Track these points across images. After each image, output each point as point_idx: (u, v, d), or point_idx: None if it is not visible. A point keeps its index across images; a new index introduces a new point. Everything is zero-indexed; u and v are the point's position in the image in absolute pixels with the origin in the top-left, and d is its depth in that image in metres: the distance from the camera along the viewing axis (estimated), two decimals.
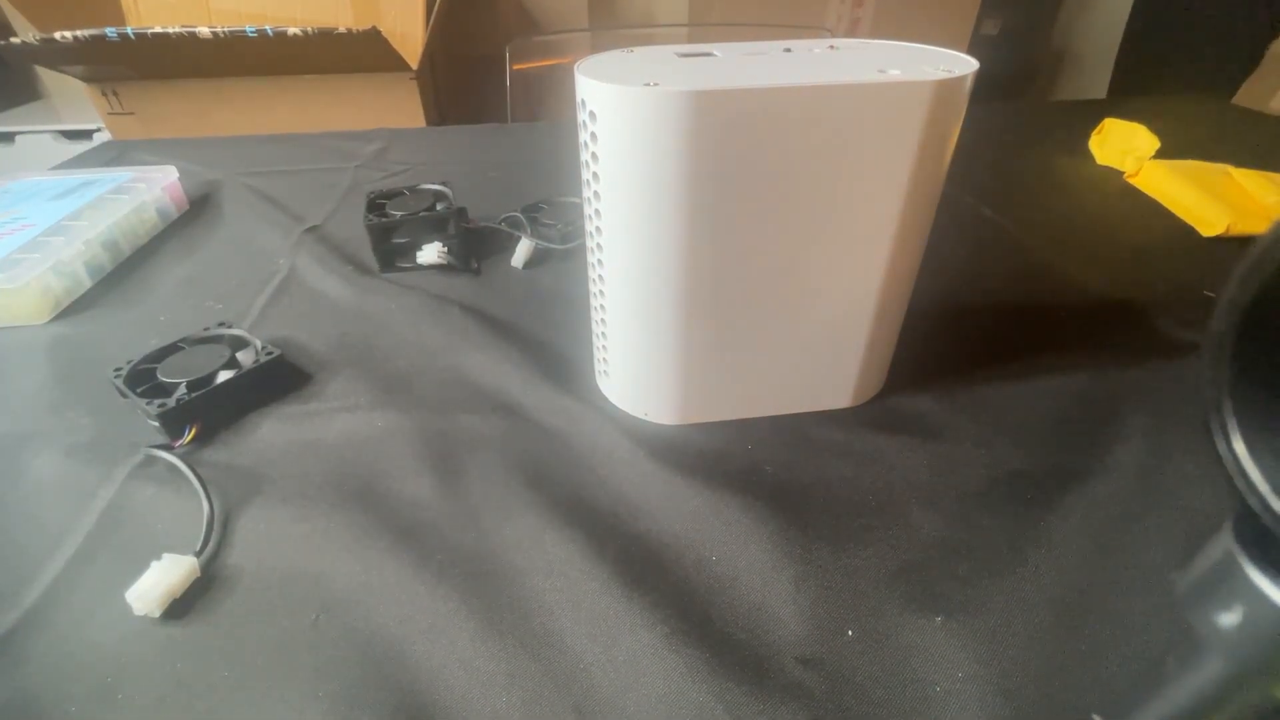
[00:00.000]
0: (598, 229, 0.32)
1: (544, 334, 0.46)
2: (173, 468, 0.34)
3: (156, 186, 0.62)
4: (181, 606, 0.28)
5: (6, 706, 0.25)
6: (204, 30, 0.90)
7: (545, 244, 0.55)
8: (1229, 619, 0.13)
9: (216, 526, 0.32)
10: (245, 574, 0.30)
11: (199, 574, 0.29)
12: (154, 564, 0.28)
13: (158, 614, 0.28)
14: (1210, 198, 0.60)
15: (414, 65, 1.06)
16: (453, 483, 0.34)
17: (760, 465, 0.35)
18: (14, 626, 0.28)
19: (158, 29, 0.90)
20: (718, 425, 0.37)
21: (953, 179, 0.32)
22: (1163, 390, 0.39)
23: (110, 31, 0.89)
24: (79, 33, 0.89)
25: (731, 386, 0.36)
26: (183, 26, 0.91)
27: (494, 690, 0.25)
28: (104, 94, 1.08)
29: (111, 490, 0.34)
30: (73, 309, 0.50)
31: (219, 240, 0.60)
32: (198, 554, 0.29)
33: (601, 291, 0.35)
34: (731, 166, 0.28)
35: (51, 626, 0.28)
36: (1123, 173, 0.71)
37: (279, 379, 0.41)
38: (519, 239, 0.55)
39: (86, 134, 1.33)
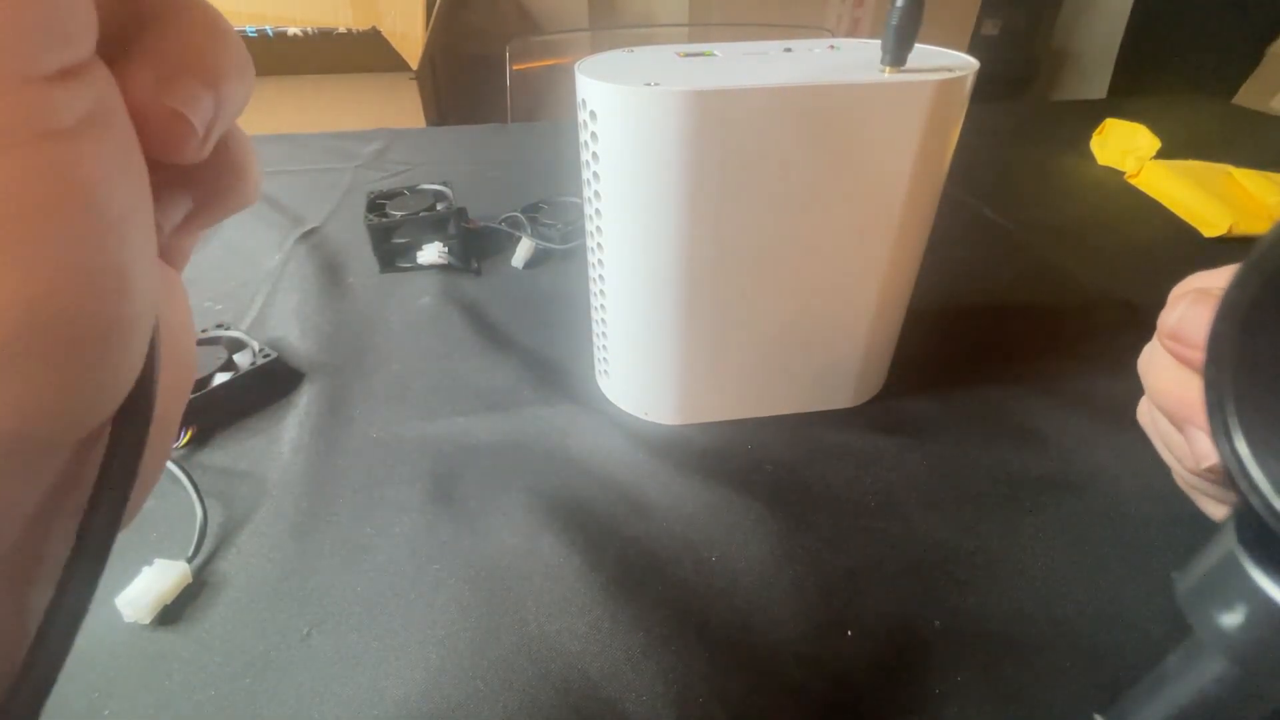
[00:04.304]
0: (598, 229, 0.32)
1: (544, 334, 0.46)
2: (167, 471, 0.34)
3: None
4: (172, 613, 0.28)
5: None
6: None
7: (545, 244, 0.55)
8: (1230, 620, 0.13)
9: (210, 532, 0.31)
10: (237, 583, 0.29)
11: (190, 580, 0.29)
12: (145, 569, 0.28)
13: (148, 620, 0.27)
14: (1212, 198, 0.59)
15: (414, 65, 1.06)
16: (451, 486, 0.34)
17: (760, 465, 0.35)
18: None
19: None
20: (718, 425, 0.37)
21: (953, 179, 0.32)
22: None
23: None
24: None
25: (731, 386, 0.36)
26: None
27: (492, 696, 0.25)
28: None
29: None
30: None
31: (218, 240, 0.60)
32: (190, 560, 0.29)
33: (601, 291, 0.35)
34: (731, 166, 0.28)
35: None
36: (1124, 173, 0.71)
37: (276, 382, 0.41)
38: (519, 239, 0.55)
39: None
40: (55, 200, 0.08)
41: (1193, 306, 0.18)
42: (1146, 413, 0.24)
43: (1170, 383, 0.20)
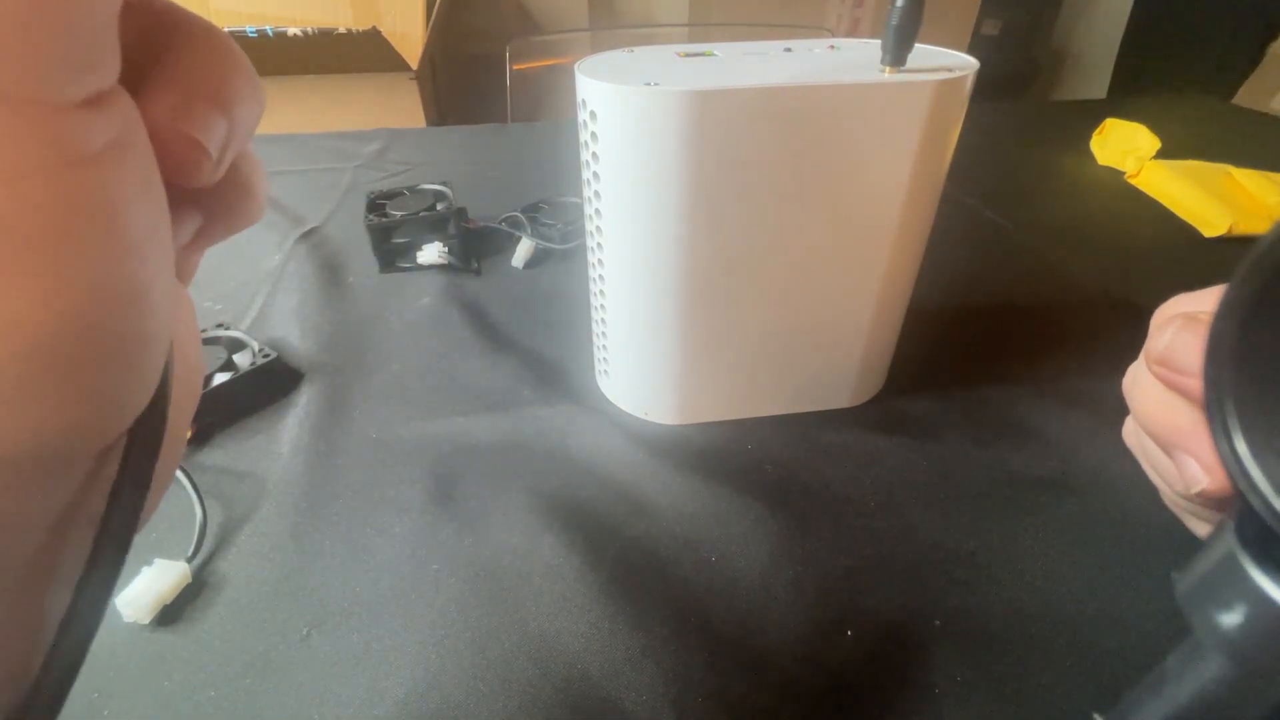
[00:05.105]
0: (598, 229, 0.32)
1: (544, 334, 0.46)
2: None
3: None
4: (172, 613, 0.28)
5: None
6: None
7: (545, 244, 0.55)
8: (1230, 619, 0.13)
9: (210, 532, 0.31)
10: (237, 583, 0.29)
11: (190, 580, 0.29)
12: (144, 569, 0.28)
13: (147, 620, 0.27)
14: (1212, 198, 0.59)
15: (414, 65, 1.06)
16: (450, 486, 0.34)
17: (760, 465, 0.35)
18: None
19: None
20: (718, 425, 0.37)
21: (953, 179, 0.32)
22: None
23: None
24: None
25: (731, 386, 0.36)
26: None
27: (492, 696, 0.25)
28: None
29: None
30: None
31: None
32: (189, 560, 0.29)
33: (601, 291, 0.35)
34: (731, 166, 0.28)
35: None
36: (1124, 173, 0.71)
37: (276, 382, 0.41)
38: (519, 239, 0.55)
39: None
40: (82, 222, 0.08)
41: (1181, 332, 0.18)
42: (1133, 433, 0.24)
43: (1158, 407, 0.20)
